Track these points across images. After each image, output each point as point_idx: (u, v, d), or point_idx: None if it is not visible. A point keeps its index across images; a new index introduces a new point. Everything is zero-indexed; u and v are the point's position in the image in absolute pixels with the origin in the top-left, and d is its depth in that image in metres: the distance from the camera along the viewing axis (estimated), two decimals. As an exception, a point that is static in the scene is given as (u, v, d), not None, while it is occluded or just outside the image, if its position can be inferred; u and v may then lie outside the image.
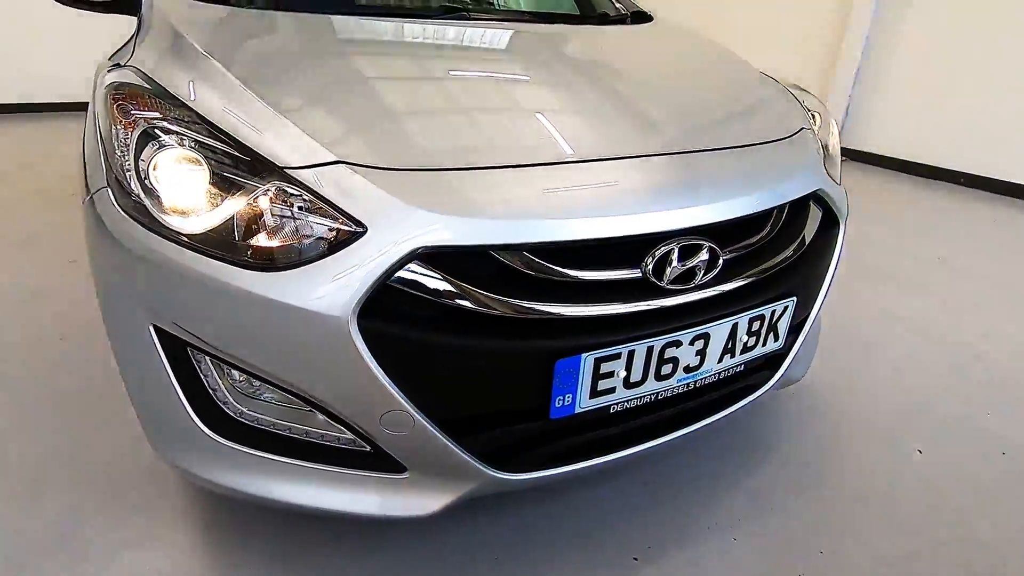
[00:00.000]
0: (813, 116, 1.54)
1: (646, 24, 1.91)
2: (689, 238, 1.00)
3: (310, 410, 0.96)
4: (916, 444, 1.60)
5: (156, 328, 0.96)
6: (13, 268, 2.31)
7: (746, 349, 1.14)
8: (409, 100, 1.13)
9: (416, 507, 1.02)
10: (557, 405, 0.97)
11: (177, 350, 0.97)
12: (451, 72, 1.30)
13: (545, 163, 1.00)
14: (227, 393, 0.99)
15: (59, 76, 4.69)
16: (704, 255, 1.01)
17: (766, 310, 1.12)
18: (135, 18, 1.47)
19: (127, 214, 0.94)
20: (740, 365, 1.16)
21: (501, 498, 1.34)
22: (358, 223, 0.87)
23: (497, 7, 2.05)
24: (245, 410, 0.99)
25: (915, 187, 4.17)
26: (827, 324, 2.14)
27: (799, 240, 1.20)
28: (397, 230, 0.86)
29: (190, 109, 0.98)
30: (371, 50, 1.33)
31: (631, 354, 0.98)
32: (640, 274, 0.98)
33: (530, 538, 1.27)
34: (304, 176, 0.89)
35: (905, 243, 3.09)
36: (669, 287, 0.99)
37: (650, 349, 1.00)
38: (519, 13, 2.03)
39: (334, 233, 0.88)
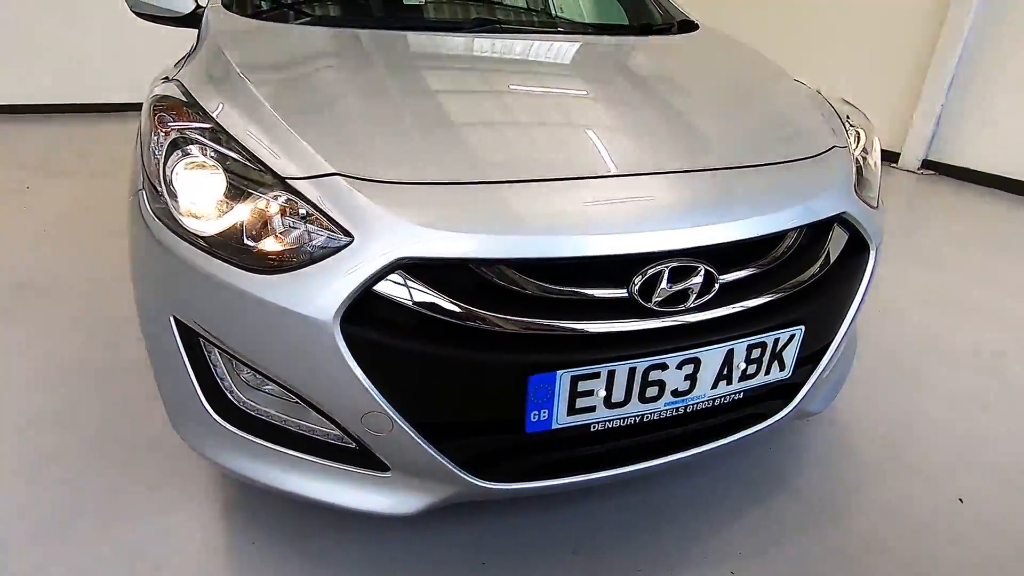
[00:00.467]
0: (857, 133, 1.45)
1: (689, 34, 1.86)
2: (682, 260, 0.98)
3: (301, 404, 1.02)
4: (958, 492, 1.47)
5: (175, 319, 1.06)
6: (116, 253, 2.58)
7: (745, 377, 1.10)
8: (419, 113, 1.18)
9: (398, 506, 1.07)
10: (533, 419, 0.98)
11: (192, 340, 1.06)
12: (468, 86, 1.34)
13: (536, 179, 1.01)
14: (233, 383, 1.07)
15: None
16: (698, 278, 0.99)
17: (768, 338, 1.07)
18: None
19: (155, 214, 1.05)
20: (739, 393, 1.12)
21: (497, 502, 1.36)
22: (346, 232, 0.92)
23: (536, 19, 2.06)
24: (249, 400, 1.07)
25: (1013, 206, 3.78)
26: (879, 353, 2.02)
27: (816, 265, 1.14)
28: (381, 241, 0.91)
29: (215, 122, 1.07)
30: (395, 64, 1.39)
31: (611, 374, 0.98)
32: (626, 294, 0.97)
33: (520, 544, 1.28)
34: (301, 186, 0.96)
35: (990, 269, 2.82)
36: (657, 309, 0.98)
37: (632, 370, 0.99)
38: (556, 24, 2.03)
39: (324, 241, 0.93)
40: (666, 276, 0.97)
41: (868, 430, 1.67)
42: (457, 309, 0.92)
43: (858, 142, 1.45)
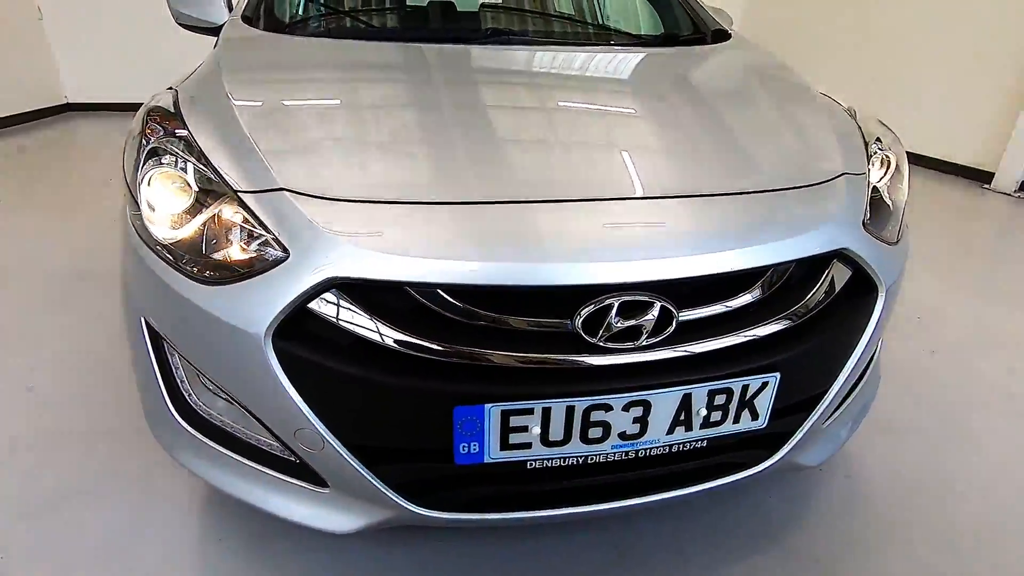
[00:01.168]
0: (884, 159, 1.31)
1: (717, 45, 1.75)
2: (633, 294, 0.91)
3: (246, 413, 1.03)
4: (989, 571, 1.28)
5: (145, 321, 1.11)
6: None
7: (709, 424, 1.01)
8: (391, 130, 1.17)
9: (335, 523, 1.06)
10: (462, 452, 0.94)
11: (159, 343, 1.10)
12: (456, 102, 1.30)
13: (480, 201, 0.97)
14: (191, 387, 1.10)
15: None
16: (652, 314, 0.91)
17: (735, 384, 0.98)
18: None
19: (130, 216, 1.10)
20: (701, 441, 1.02)
21: (457, 528, 1.32)
22: (284, 248, 0.93)
23: (553, 29, 2.00)
24: (204, 404, 1.10)
25: None
26: (925, 401, 1.82)
27: (800, 306, 1.02)
28: (315, 258, 0.90)
29: (190, 133, 1.10)
30: (383, 78, 1.38)
31: (546, 411, 0.92)
32: (568, 327, 0.91)
33: (473, 574, 1.24)
34: (249, 200, 0.97)
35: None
36: (602, 345, 0.91)
37: (570, 409, 0.92)
38: (570, 36, 1.95)
39: (265, 256, 0.94)
40: (615, 311, 0.91)
41: (891, 487, 1.50)
42: (385, 332, 0.89)
43: (887, 169, 1.30)
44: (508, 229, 0.94)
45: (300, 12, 1.81)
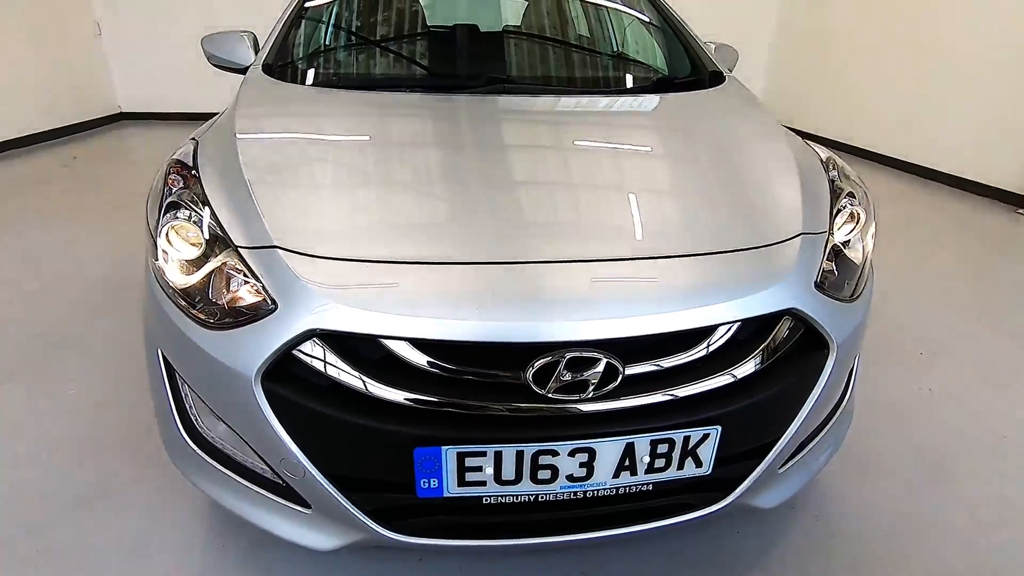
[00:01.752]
0: (853, 214, 1.36)
1: (706, 90, 1.81)
2: (581, 351, 1.00)
3: (241, 439, 1.17)
4: (944, 618, 1.32)
5: (161, 352, 1.25)
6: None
7: (653, 470, 1.09)
8: (384, 188, 1.29)
9: (317, 541, 1.18)
10: (423, 487, 1.05)
11: (171, 371, 1.25)
12: (449, 157, 1.41)
13: (449, 262, 1.08)
14: (197, 412, 1.24)
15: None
16: (597, 369, 1.01)
17: (676, 435, 1.06)
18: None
19: (150, 260, 1.25)
20: (647, 484, 1.11)
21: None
22: (273, 301, 1.05)
23: (559, 78, 2.06)
24: (207, 429, 1.24)
25: None
26: (911, 444, 1.83)
27: (744, 364, 1.09)
28: (298, 311, 1.03)
29: (202, 189, 1.25)
30: (385, 134, 1.50)
31: (498, 454, 1.02)
32: (520, 379, 1.01)
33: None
34: (247, 255, 1.10)
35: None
36: (550, 396, 1.01)
37: (520, 453, 1.02)
38: (571, 84, 2.02)
39: (257, 307, 1.07)
40: (563, 365, 1.00)
41: (861, 531, 1.53)
42: (355, 377, 1.01)
43: (855, 224, 1.35)
44: (468, 289, 1.04)
45: (316, 63, 1.95)
